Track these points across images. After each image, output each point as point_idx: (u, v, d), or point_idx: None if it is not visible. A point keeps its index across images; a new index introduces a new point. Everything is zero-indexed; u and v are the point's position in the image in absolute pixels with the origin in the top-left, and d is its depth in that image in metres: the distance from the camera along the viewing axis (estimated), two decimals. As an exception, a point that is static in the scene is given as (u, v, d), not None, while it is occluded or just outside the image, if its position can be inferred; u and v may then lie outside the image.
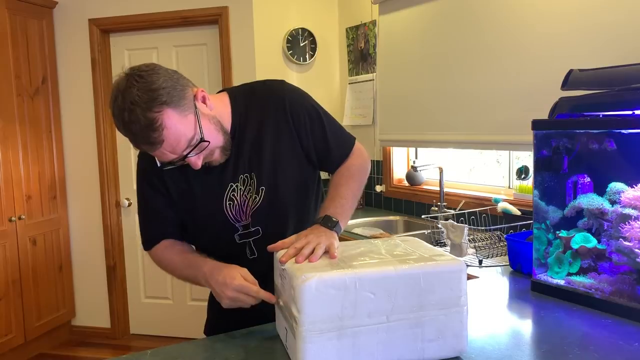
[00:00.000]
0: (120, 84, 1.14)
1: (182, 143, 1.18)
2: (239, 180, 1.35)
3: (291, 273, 1.07)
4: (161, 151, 1.18)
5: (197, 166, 1.24)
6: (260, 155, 1.35)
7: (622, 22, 1.98)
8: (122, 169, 3.71)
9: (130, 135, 1.16)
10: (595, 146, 1.52)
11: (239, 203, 1.36)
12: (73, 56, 3.61)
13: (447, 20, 2.78)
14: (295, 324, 1.04)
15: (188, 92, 1.21)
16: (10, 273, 3.25)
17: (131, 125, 1.13)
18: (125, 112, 1.12)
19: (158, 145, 1.16)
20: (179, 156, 1.21)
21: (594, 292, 1.47)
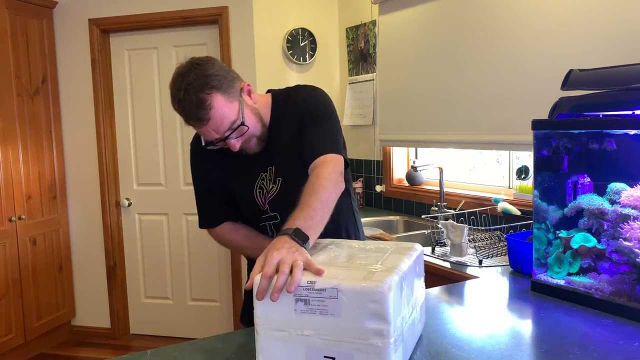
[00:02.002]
0: (181, 69, 1.39)
1: (225, 124, 1.35)
2: (267, 171, 1.52)
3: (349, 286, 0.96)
4: (206, 129, 1.35)
5: (235, 148, 1.40)
6: (281, 149, 1.50)
7: (622, 22, 1.98)
8: (122, 169, 3.71)
9: (183, 112, 1.36)
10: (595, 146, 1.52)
11: (265, 192, 1.53)
12: (73, 56, 3.61)
13: (447, 20, 2.78)
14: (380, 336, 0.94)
15: (236, 84, 1.41)
16: (10, 273, 3.25)
17: (184, 103, 1.34)
18: (181, 92, 1.35)
19: (205, 122, 1.33)
20: (221, 136, 1.36)
21: (594, 292, 1.47)
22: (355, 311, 0.95)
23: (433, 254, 2.25)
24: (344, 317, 0.96)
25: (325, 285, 0.97)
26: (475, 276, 1.89)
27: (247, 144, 1.45)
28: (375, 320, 0.94)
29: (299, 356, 1.00)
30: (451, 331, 1.32)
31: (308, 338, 0.99)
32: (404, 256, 1.12)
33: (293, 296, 0.98)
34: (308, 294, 0.98)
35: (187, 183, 3.60)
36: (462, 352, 1.18)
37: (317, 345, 0.99)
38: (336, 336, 0.97)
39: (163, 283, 3.72)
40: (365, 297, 0.94)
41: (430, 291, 1.65)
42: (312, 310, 0.98)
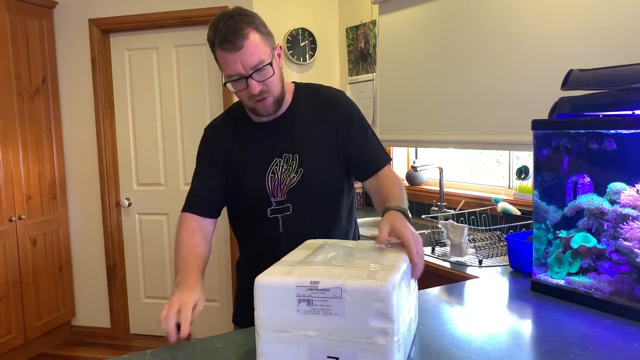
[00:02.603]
0: (228, 11, 1.41)
1: (254, 60, 1.36)
2: (282, 158, 1.51)
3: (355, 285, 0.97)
4: (235, 58, 1.35)
5: (255, 89, 1.38)
6: (308, 142, 1.52)
7: (622, 23, 1.98)
8: (122, 169, 3.71)
9: (219, 34, 1.36)
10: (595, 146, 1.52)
11: (279, 179, 1.51)
12: (73, 56, 3.61)
13: (447, 20, 2.78)
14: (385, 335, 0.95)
15: (272, 39, 1.45)
16: (10, 273, 3.25)
17: (223, 28, 1.35)
18: (222, 21, 1.36)
19: (236, 48, 1.34)
20: (246, 72, 1.37)
21: (594, 292, 1.47)
22: (359, 310, 0.95)
23: (433, 254, 2.25)
24: (348, 317, 0.96)
25: (328, 285, 0.96)
26: (475, 276, 1.89)
27: (264, 95, 1.42)
28: (380, 319, 0.94)
29: (301, 357, 1.00)
30: (451, 331, 1.32)
31: (311, 338, 0.99)
32: (400, 254, 1.12)
33: (296, 296, 0.98)
34: (311, 294, 0.97)
35: (187, 183, 3.56)
36: (462, 352, 1.18)
37: (320, 345, 0.98)
38: (340, 336, 0.97)
39: (163, 283, 3.72)
40: (370, 296, 0.94)
41: (430, 291, 1.65)
42: (316, 310, 0.97)
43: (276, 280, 1.00)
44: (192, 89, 3.55)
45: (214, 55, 1.43)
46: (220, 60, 1.40)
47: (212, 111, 3.49)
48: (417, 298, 1.27)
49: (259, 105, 1.44)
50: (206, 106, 3.52)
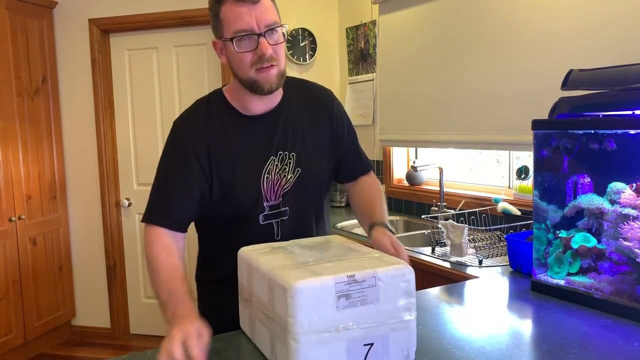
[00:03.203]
0: None
1: (269, 19, 1.26)
2: (277, 156, 1.39)
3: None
4: (250, 12, 1.24)
5: (267, 50, 1.26)
6: (303, 139, 1.42)
7: (621, 22, 1.98)
8: (122, 169, 3.71)
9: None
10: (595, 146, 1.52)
11: (273, 180, 1.38)
12: (73, 56, 3.61)
13: (447, 20, 2.78)
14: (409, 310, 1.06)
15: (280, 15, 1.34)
16: (10, 273, 3.25)
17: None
18: None
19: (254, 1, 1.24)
20: (259, 30, 1.25)
21: (594, 292, 1.47)
22: (390, 294, 1.04)
23: (433, 254, 2.25)
24: (381, 302, 1.03)
25: (364, 275, 1.02)
26: (475, 276, 1.89)
27: (268, 67, 1.29)
28: (406, 297, 1.05)
29: (340, 352, 1.01)
30: (451, 331, 1.32)
31: (349, 332, 1.02)
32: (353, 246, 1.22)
33: (335, 293, 1.00)
34: (349, 288, 1.01)
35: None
36: (462, 352, 1.18)
37: (358, 336, 1.02)
38: (374, 322, 1.03)
39: (163, 283, 3.72)
40: (399, 278, 1.04)
41: (430, 291, 1.65)
42: (353, 303, 1.01)
43: (314, 281, 0.99)
44: (192, 89, 3.55)
45: (215, 15, 1.29)
46: (230, 15, 1.25)
47: (212, 111, 3.49)
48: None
49: (262, 74, 1.28)
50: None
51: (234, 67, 1.32)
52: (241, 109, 1.39)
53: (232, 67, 1.33)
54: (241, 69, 1.30)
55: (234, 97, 1.40)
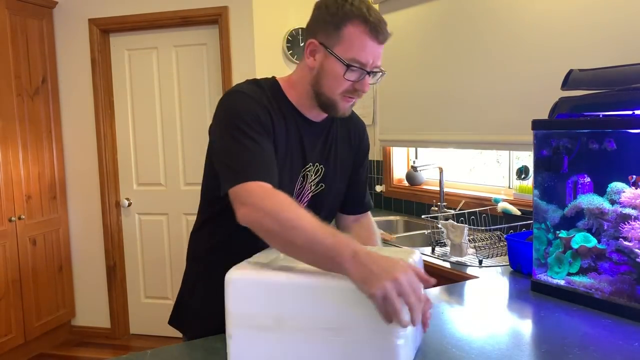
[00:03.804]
0: None
1: (380, 60, 1.27)
2: (314, 165, 1.37)
3: None
4: (375, 49, 1.24)
5: (367, 88, 1.27)
6: (335, 156, 1.42)
7: (621, 22, 1.98)
8: (122, 169, 3.71)
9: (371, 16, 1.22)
10: (595, 146, 1.52)
11: (303, 187, 1.36)
12: (73, 56, 3.61)
13: (447, 20, 2.78)
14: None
15: None
16: (10, 273, 3.25)
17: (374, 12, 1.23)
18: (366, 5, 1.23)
19: (382, 41, 1.24)
20: (370, 67, 1.24)
21: (594, 292, 1.47)
22: None
23: (433, 254, 2.25)
24: None
25: None
26: (475, 276, 1.89)
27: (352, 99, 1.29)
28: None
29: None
30: (451, 331, 1.32)
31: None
32: None
33: None
34: None
35: (187, 183, 3.60)
36: (462, 352, 1.18)
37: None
38: None
39: (163, 283, 3.72)
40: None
41: (431, 291, 1.65)
42: None
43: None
44: (192, 89, 3.55)
45: (335, 25, 1.22)
46: (355, 40, 1.21)
47: (212, 111, 3.48)
48: None
49: (346, 103, 1.28)
50: (206, 106, 3.51)
51: (321, 80, 1.27)
52: (302, 109, 1.34)
53: (317, 76, 1.27)
54: (330, 88, 1.26)
55: (294, 95, 1.34)
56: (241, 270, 1.05)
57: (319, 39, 1.26)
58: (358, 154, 1.50)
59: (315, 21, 1.29)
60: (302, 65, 1.33)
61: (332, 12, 1.23)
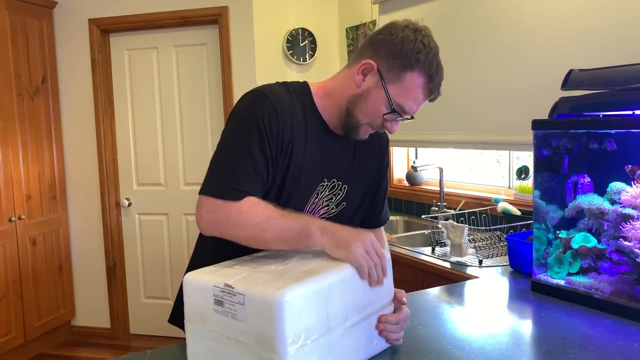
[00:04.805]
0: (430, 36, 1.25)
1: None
2: (330, 182, 1.29)
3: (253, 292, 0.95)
4: (421, 103, 1.24)
5: (394, 130, 1.26)
6: (359, 172, 1.34)
7: (621, 23, 1.98)
8: (122, 169, 3.71)
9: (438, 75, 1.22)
10: (595, 146, 1.52)
11: (316, 204, 1.28)
12: (73, 56, 3.61)
13: (447, 20, 2.78)
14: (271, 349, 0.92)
15: None
16: (10, 273, 3.25)
17: (440, 72, 1.23)
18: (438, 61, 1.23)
19: (430, 100, 1.26)
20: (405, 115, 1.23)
21: (594, 292, 1.47)
22: (257, 319, 0.93)
23: (433, 254, 2.25)
24: (249, 324, 0.94)
25: (236, 290, 0.96)
26: (475, 276, 1.89)
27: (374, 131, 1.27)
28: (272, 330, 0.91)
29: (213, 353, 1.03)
30: (451, 331, 1.32)
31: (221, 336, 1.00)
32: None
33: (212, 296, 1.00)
34: (223, 296, 0.98)
35: (187, 183, 3.60)
36: (462, 352, 1.18)
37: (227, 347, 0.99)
38: (242, 341, 0.96)
39: (163, 283, 3.72)
40: (264, 305, 0.91)
41: (431, 291, 1.65)
42: (225, 312, 0.98)
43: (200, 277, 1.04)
44: (192, 89, 3.55)
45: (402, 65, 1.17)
46: (411, 90, 1.19)
47: (212, 111, 3.49)
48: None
49: (367, 131, 1.25)
50: (206, 106, 3.52)
51: (360, 103, 1.21)
52: (325, 119, 1.27)
53: (358, 98, 1.21)
54: (364, 115, 1.21)
55: (325, 105, 1.27)
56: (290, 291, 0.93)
57: (379, 66, 1.18)
58: (381, 169, 1.42)
59: (384, 45, 1.19)
60: (347, 77, 1.23)
61: (405, 51, 1.17)
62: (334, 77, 1.29)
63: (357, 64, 1.20)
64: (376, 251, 1.09)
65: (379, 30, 1.23)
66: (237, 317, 0.96)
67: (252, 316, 0.94)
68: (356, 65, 1.20)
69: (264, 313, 0.92)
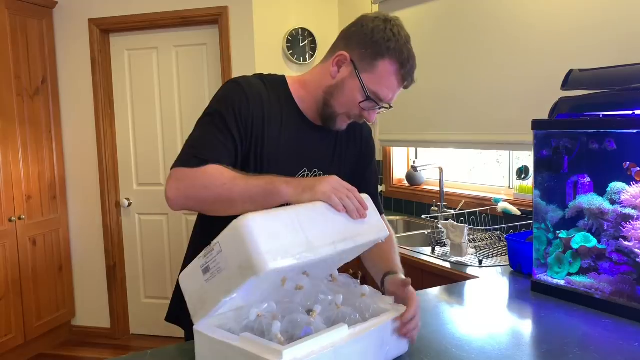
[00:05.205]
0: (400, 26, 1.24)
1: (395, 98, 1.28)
2: (312, 172, 1.33)
3: None
4: (397, 91, 1.26)
5: (373, 119, 1.30)
6: (340, 162, 1.38)
7: (621, 23, 1.98)
8: (122, 169, 3.71)
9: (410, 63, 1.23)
10: (595, 146, 1.52)
11: None
12: (73, 56, 3.61)
13: (447, 20, 2.78)
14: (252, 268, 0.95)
15: None
16: (10, 273, 3.25)
17: (413, 60, 1.24)
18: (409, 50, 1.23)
19: (406, 87, 1.27)
20: (383, 103, 1.26)
21: (594, 292, 1.47)
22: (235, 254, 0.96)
23: (433, 254, 2.25)
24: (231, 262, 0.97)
25: (213, 244, 1.00)
26: (475, 276, 1.89)
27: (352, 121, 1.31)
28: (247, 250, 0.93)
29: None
30: (451, 331, 1.32)
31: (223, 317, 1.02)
32: None
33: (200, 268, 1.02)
34: (206, 261, 1.01)
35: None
36: (462, 352, 1.18)
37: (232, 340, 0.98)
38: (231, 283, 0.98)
39: (163, 283, 3.72)
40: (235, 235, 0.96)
41: (430, 291, 1.65)
42: (213, 273, 1.00)
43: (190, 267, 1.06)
44: (192, 89, 3.55)
45: (374, 53, 1.21)
46: (385, 77, 1.22)
47: (212, 111, 3.49)
48: None
49: (345, 121, 1.30)
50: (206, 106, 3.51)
51: (336, 94, 1.26)
52: (301, 108, 1.32)
53: (334, 88, 1.26)
54: (340, 105, 1.26)
55: (302, 96, 1.32)
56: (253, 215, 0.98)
57: (352, 56, 1.23)
58: (364, 157, 1.45)
59: (356, 36, 1.23)
60: (322, 70, 1.28)
61: (376, 40, 1.21)
62: (311, 71, 1.34)
63: (332, 56, 1.26)
64: (344, 186, 1.11)
65: (351, 24, 1.28)
66: (221, 267, 0.98)
67: (231, 254, 0.96)
68: (331, 58, 1.26)
69: (238, 243, 0.94)
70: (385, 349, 1.08)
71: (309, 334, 0.96)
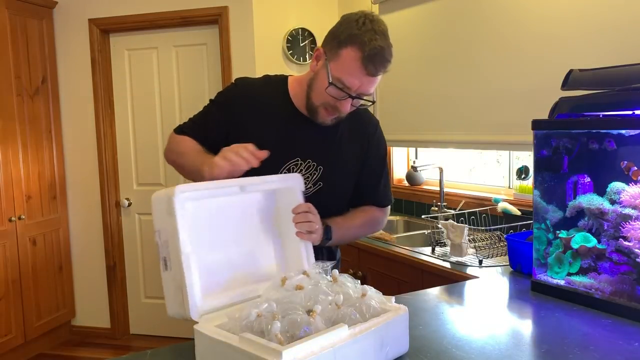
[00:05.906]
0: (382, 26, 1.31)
1: (369, 90, 1.35)
2: (305, 162, 1.44)
3: None
4: (364, 79, 1.30)
5: (346, 110, 1.37)
6: (336, 155, 1.46)
7: (622, 23, 1.98)
8: (122, 169, 3.71)
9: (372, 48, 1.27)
10: (595, 146, 1.52)
11: None
12: (73, 56, 3.61)
13: (447, 20, 2.78)
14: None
15: None
16: (10, 273, 3.25)
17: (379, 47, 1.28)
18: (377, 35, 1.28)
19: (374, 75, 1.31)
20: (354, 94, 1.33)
21: (594, 292, 1.47)
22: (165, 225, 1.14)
23: (433, 254, 2.25)
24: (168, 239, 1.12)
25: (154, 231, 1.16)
26: (475, 276, 1.89)
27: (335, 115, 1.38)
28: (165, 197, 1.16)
29: None
30: (451, 331, 1.32)
31: None
32: None
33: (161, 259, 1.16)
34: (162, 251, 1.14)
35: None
36: (462, 352, 1.18)
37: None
38: None
39: (163, 283, 3.72)
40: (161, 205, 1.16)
41: (430, 291, 1.65)
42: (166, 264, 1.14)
43: None
44: (192, 89, 3.55)
45: (339, 42, 1.30)
46: (348, 63, 1.29)
47: (212, 111, 3.49)
48: None
49: (325, 114, 1.38)
50: (206, 106, 3.51)
51: (312, 85, 1.37)
52: (296, 104, 1.45)
53: (311, 81, 1.38)
54: (315, 96, 1.37)
55: (297, 92, 1.46)
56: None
57: (325, 48, 1.35)
58: (366, 151, 1.51)
59: (331, 32, 1.35)
60: (310, 67, 1.41)
61: (342, 30, 1.31)
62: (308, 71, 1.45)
63: None
64: (233, 148, 1.25)
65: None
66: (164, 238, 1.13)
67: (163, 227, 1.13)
68: (313, 55, 1.40)
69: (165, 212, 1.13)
70: (385, 349, 1.08)
71: (308, 334, 0.96)
